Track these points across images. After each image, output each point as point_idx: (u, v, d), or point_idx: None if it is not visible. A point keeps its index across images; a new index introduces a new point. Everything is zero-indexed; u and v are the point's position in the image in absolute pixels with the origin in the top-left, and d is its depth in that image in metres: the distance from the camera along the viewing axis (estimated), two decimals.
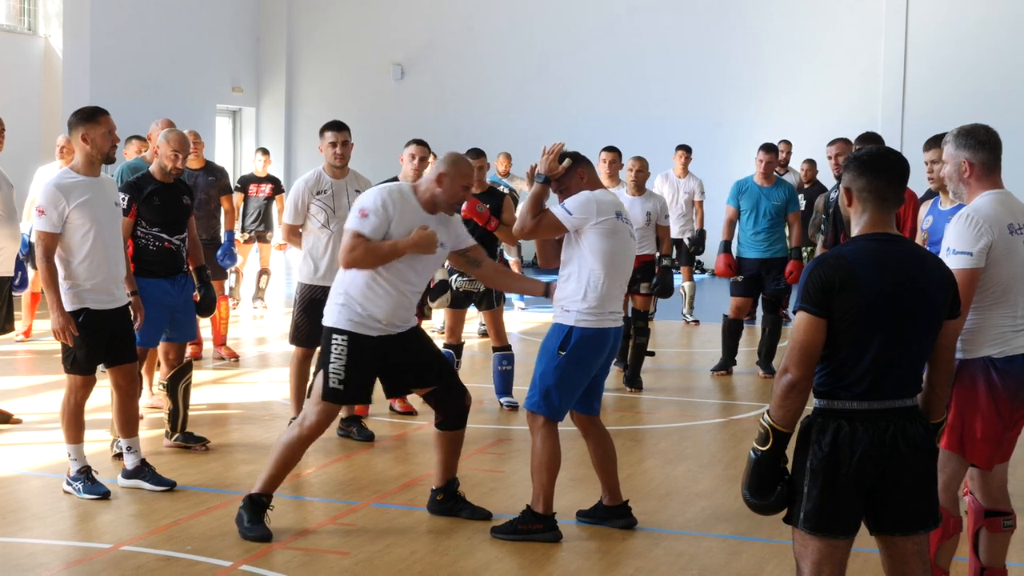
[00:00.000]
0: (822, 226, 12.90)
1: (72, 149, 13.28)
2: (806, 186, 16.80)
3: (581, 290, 6.97)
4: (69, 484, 7.79)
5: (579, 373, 7.06)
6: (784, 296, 12.59)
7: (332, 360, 6.97)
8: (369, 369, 7.09)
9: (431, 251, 6.95)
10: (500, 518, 7.31)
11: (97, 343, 7.70)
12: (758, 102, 23.66)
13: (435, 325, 14.31)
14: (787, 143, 17.52)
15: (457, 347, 10.74)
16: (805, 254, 14.45)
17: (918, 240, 7.29)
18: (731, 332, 12.51)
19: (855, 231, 4.58)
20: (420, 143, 9.98)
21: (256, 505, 7.06)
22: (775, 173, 17.03)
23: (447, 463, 7.45)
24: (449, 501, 7.48)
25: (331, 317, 7.06)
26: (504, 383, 10.71)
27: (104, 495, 7.70)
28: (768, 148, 12.55)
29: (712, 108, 23.74)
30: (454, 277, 10.53)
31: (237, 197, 15.61)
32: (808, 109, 23.34)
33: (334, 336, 7.00)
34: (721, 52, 24.03)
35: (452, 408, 7.33)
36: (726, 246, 12.31)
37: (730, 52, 23.99)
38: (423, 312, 10.48)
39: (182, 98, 23.20)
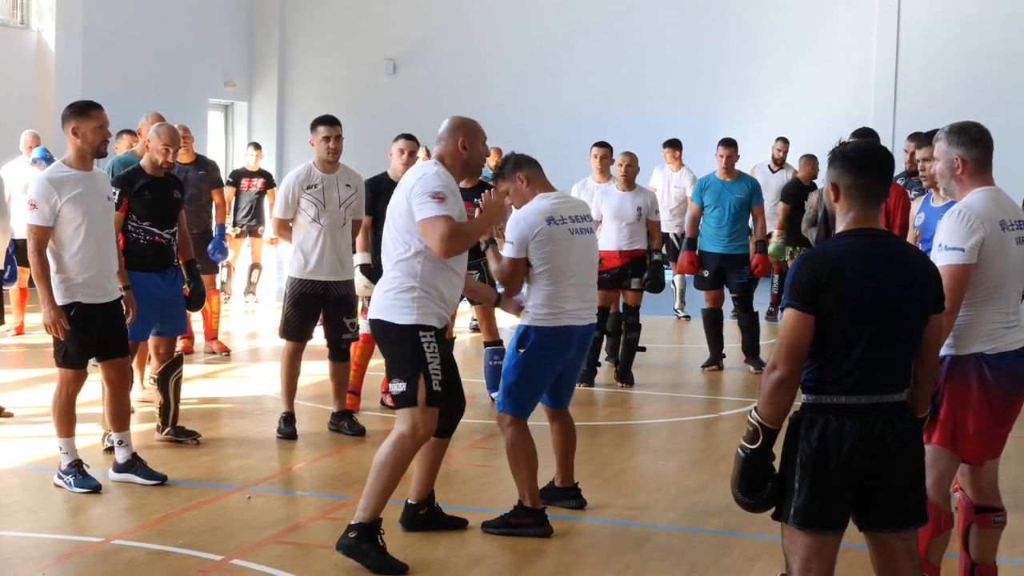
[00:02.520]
0: (817, 222, 12.95)
1: (32, 143, 13.47)
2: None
3: (531, 293, 7.11)
4: (60, 477, 7.79)
5: (540, 370, 7.11)
6: (750, 289, 12.56)
7: (429, 360, 6.42)
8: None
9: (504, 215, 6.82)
10: (491, 513, 7.31)
11: (88, 337, 7.69)
12: (752, 97, 23.63)
13: None
14: (784, 140, 17.46)
15: (448, 342, 10.74)
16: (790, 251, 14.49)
17: (910, 237, 7.30)
18: (712, 322, 12.53)
19: (840, 227, 4.58)
20: (409, 138, 9.98)
21: (372, 533, 6.46)
22: (770, 169, 17.05)
23: (433, 473, 6.99)
24: (431, 514, 7.06)
25: (407, 314, 6.44)
26: (495, 378, 10.69)
27: (95, 489, 7.69)
28: (727, 143, 12.53)
29: (706, 103, 23.71)
30: None
31: (229, 191, 15.61)
32: (802, 104, 23.32)
33: (422, 334, 6.43)
34: (716, 48, 24.01)
35: (454, 412, 6.88)
36: (690, 243, 12.36)
37: (725, 48, 23.97)
38: None
39: (175, 92, 23.14)
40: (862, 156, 4.56)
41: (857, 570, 6.24)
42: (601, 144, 12.24)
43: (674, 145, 16.81)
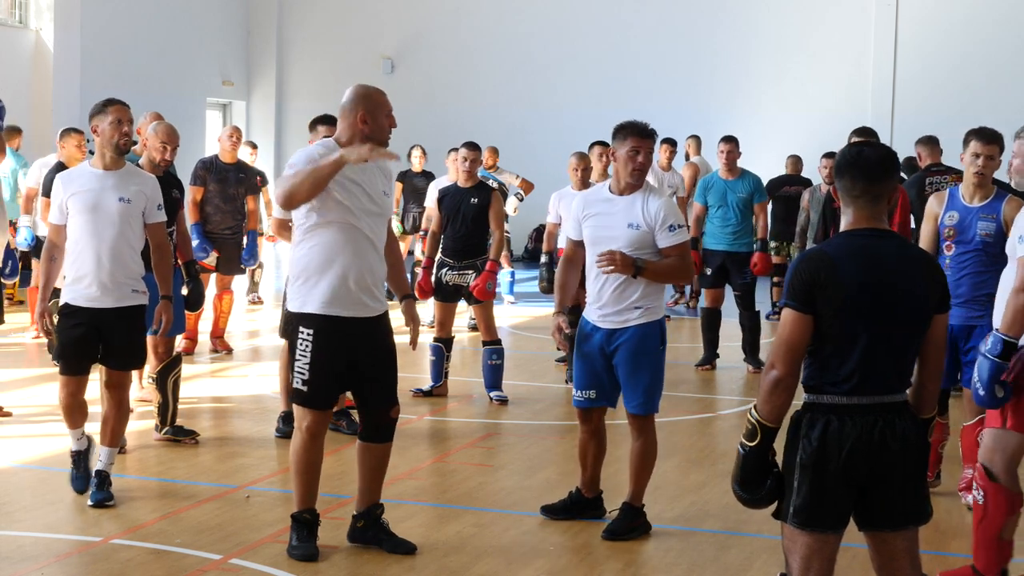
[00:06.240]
0: (808, 225, 12.98)
1: (65, 142, 13.46)
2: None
3: (648, 288, 6.98)
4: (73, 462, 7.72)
5: None
6: (752, 288, 12.56)
7: (298, 356, 6.41)
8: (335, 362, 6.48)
9: (364, 157, 6.05)
10: (490, 512, 7.30)
11: (72, 340, 7.42)
12: (746, 96, 23.64)
13: (425, 319, 14.32)
14: (668, 141, 16.80)
15: (447, 341, 10.75)
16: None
17: (927, 239, 7.41)
18: (710, 322, 12.54)
19: (842, 227, 4.61)
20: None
21: (296, 522, 6.67)
22: (661, 168, 16.41)
23: (367, 481, 6.73)
24: (370, 529, 6.75)
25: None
26: (494, 377, 10.71)
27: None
28: (728, 139, 12.54)
29: (700, 102, 23.72)
30: (444, 271, 10.55)
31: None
32: (796, 103, 23.34)
33: (301, 329, 6.43)
34: (709, 46, 24.02)
35: (376, 415, 6.66)
36: (693, 243, 12.36)
37: (719, 46, 23.98)
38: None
39: (172, 92, 23.17)
40: (846, 157, 4.60)
41: (856, 570, 6.26)
42: (601, 144, 12.23)
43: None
